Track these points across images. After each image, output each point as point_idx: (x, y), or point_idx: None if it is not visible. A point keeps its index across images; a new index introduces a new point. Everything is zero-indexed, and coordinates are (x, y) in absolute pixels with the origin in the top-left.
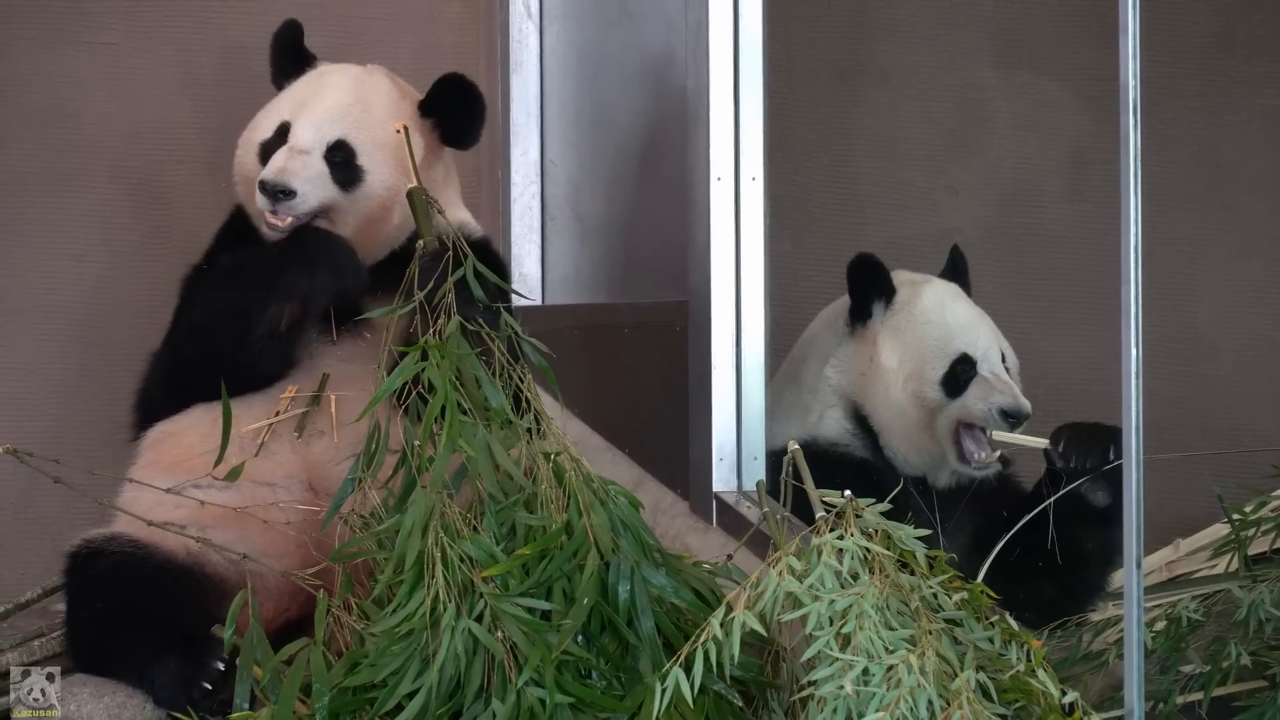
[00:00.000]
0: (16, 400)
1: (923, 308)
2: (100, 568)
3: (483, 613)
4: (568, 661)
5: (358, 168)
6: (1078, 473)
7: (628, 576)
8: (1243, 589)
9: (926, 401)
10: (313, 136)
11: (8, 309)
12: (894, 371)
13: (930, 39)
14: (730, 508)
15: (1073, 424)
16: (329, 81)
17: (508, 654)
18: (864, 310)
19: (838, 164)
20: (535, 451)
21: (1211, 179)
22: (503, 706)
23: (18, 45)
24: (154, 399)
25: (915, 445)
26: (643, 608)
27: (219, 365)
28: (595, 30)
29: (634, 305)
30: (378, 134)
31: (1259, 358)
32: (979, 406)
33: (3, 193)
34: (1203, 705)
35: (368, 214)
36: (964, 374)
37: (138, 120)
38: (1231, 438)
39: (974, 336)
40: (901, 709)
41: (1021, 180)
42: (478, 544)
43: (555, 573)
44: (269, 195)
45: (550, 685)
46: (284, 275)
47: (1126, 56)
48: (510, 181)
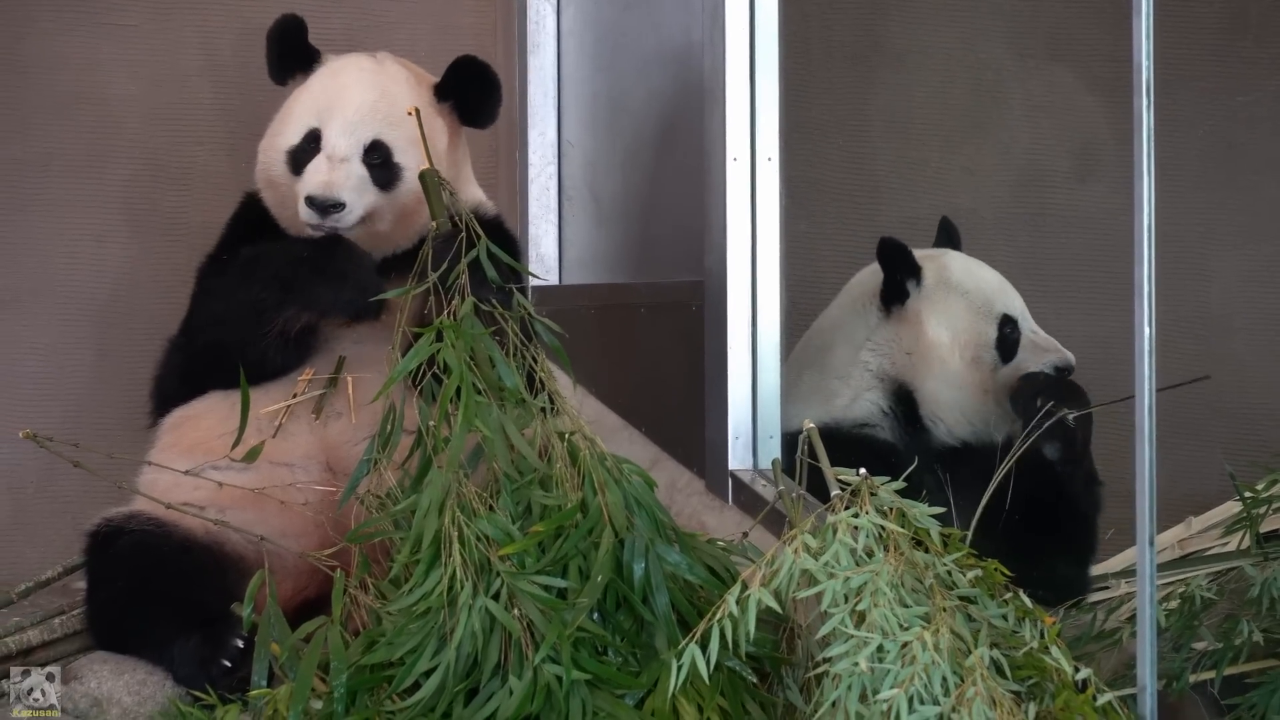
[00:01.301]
0: (37, 379)
1: (956, 278)
2: (120, 546)
3: (499, 591)
4: (584, 639)
5: (395, 165)
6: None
7: (642, 554)
8: (1255, 567)
9: (985, 366)
10: (349, 142)
11: (29, 289)
12: (948, 344)
13: (945, 21)
14: (746, 486)
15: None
16: (348, 80)
17: (525, 632)
18: (899, 292)
19: (853, 145)
20: (550, 431)
21: (1224, 160)
22: (520, 684)
23: (40, 28)
24: (171, 385)
25: (968, 414)
26: (657, 585)
27: (232, 356)
28: (612, 12)
29: (650, 285)
30: (408, 128)
31: (1271, 337)
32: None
33: (25, 174)
34: (1215, 683)
35: (403, 209)
36: (1011, 335)
37: (158, 102)
38: (1243, 416)
39: (1009, 297)
40: (916, 685)
41: (1035, 161)
42: (494, 523)
43: (571, 551)
44: (318, 210)
45: (567, 662)
46: (309, 284)
47: (1140, 38)
48: (528, 162)
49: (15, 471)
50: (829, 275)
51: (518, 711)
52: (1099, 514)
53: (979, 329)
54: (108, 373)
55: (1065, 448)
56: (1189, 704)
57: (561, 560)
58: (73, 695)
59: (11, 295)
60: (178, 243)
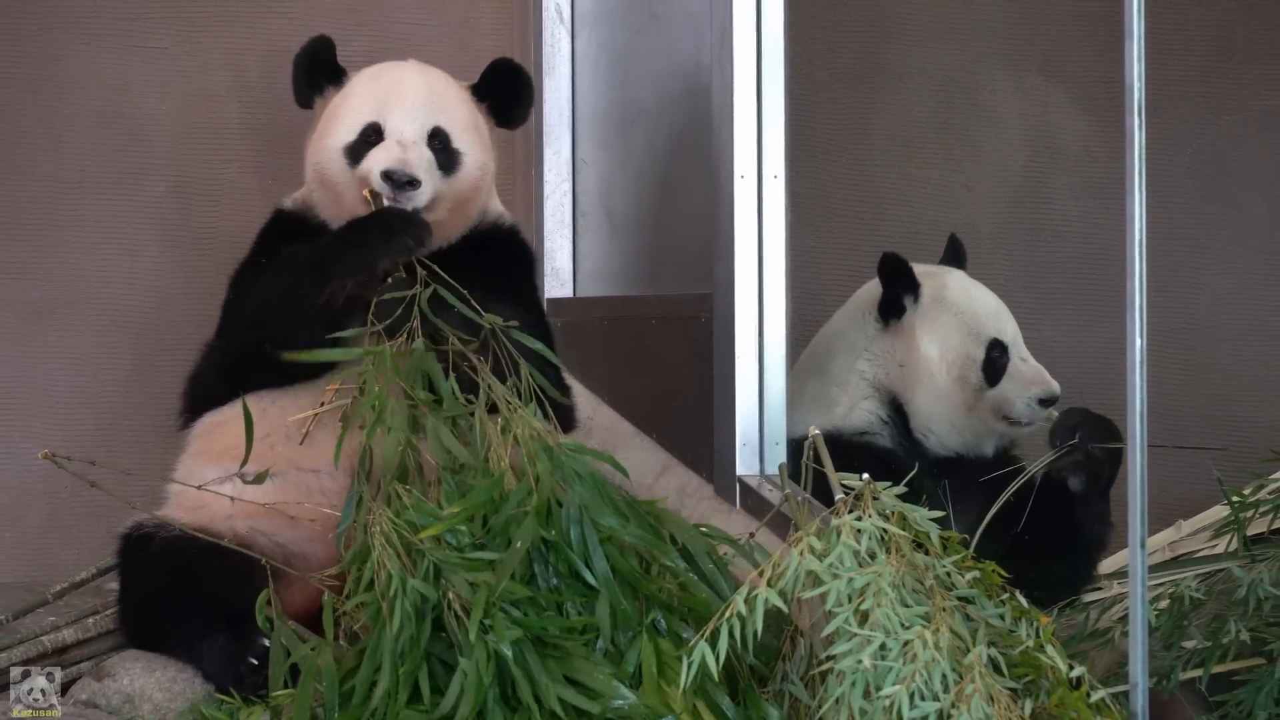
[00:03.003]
0: (73, 387)
1: (952, 298)
2: (151, 549)
3: (428, 571)
4: (530, 602)
5: (455, 151)
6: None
7: (577, 521)
8: (1242, 568)
9: (970, 385)
10: (414, 127)
11: (65, 301)
12: (936, 361)
13: (944, 44)
14: (753, 490)
15: (1071, 408)
16: (397, 77)
17: (457, 605)
18: (897, 306)
19: (856, 162)
20: (491, 430)
21: (1212, 176)
22: (470, 663)
23: (75, 51)
24: (207, 389)
25: (957, 427)
26: (593, 547)
27: (275, 356)
28: (625, 34)
29: (661, 297)
30: (460, 116)
31: (1257, 347)
32: (1020, 402)
33: (61, 191)
34: (1204, 680)
35: (460, 195)
36: (999, 360)
37: (188, 122)
38: (1230, 424)
39: (1001, 322)
40: (917, 682)
41: (1031, 177)
42: (420, 510)
43: (502, 524)
44: (394, 184)
45: (498, 626)
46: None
47: (1131, 59)
48: (544, 179)
49: (51, 478)
50: (833, 288)
51: (479, 685)
52: (1102, 551)
53: (967, 349)
54: (140, 381)
55: (1088, 482)
56: (1179, 701)
57: (497, 534)
58: (106, 692)
59: (48, 307)
60: (207, 256)
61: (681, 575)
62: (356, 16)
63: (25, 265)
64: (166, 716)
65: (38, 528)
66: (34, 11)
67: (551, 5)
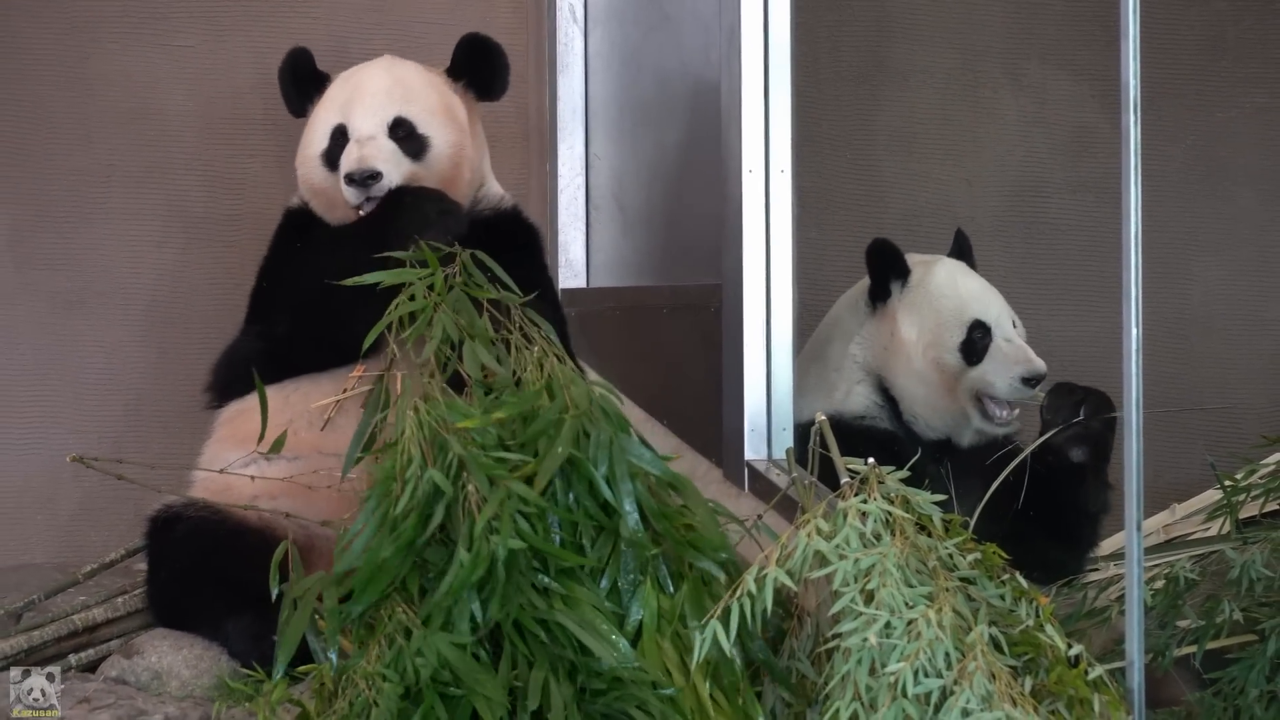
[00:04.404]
0: (102, 374)
1: (936, 282)
2: (179, 530)
3: (450, 464)
4: (540, 515)
5: (421, 137)
6: (1056, 427)
7: (605, 445)
8: (1235, 550)
9: (946, 367)
10: (372, 122)
11: (95, 291)
12: (914, 343)
13: (945, 43)
14: (761, 475)
15: (1060, 384)
16: (361, 77)
17: (473, 502)
18: (883, 290)
19: (860, 157)
20: (527, 357)
21: (1205, 172)
22: (467, 555)
23: (103, 49)
24: (238, 375)
25: (937, 410)
26: (620, 475)
27: (338, 332)
28: (636, 33)
29: (672, 288)
30: (424, 102)
31: (1248, 336)
32: (1001, 380)
33: (90, 184)
34: (1197, 657)
35: (441, 174)
36: (980, 340)
37: (213, 117)
38: (1222, 411)
39: (986, 304)
40: (921, 659)
41: (1029, 172)
42: (454, 409)
43: (536, 433)
44: (358, 185)
45: (505, 530)
46: (395, 221)
47: (1127, 58)
48: (558, 174)
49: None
50: (837, 279)
51: (461, 580)
52: (1107, 515)
53: (945, 331)
54: (167, 368)
55: (1089, 452)
56: (1173, 677)
57: (530, 443)
58: (135, 668)
59: (78, 297)
60: (231, 247)
61: (694, 518)
62: (377, 16)
63: (56, 256)
64: (193, 692)
65: (69, 511)
66: (65, 12)
67: (565, 5)
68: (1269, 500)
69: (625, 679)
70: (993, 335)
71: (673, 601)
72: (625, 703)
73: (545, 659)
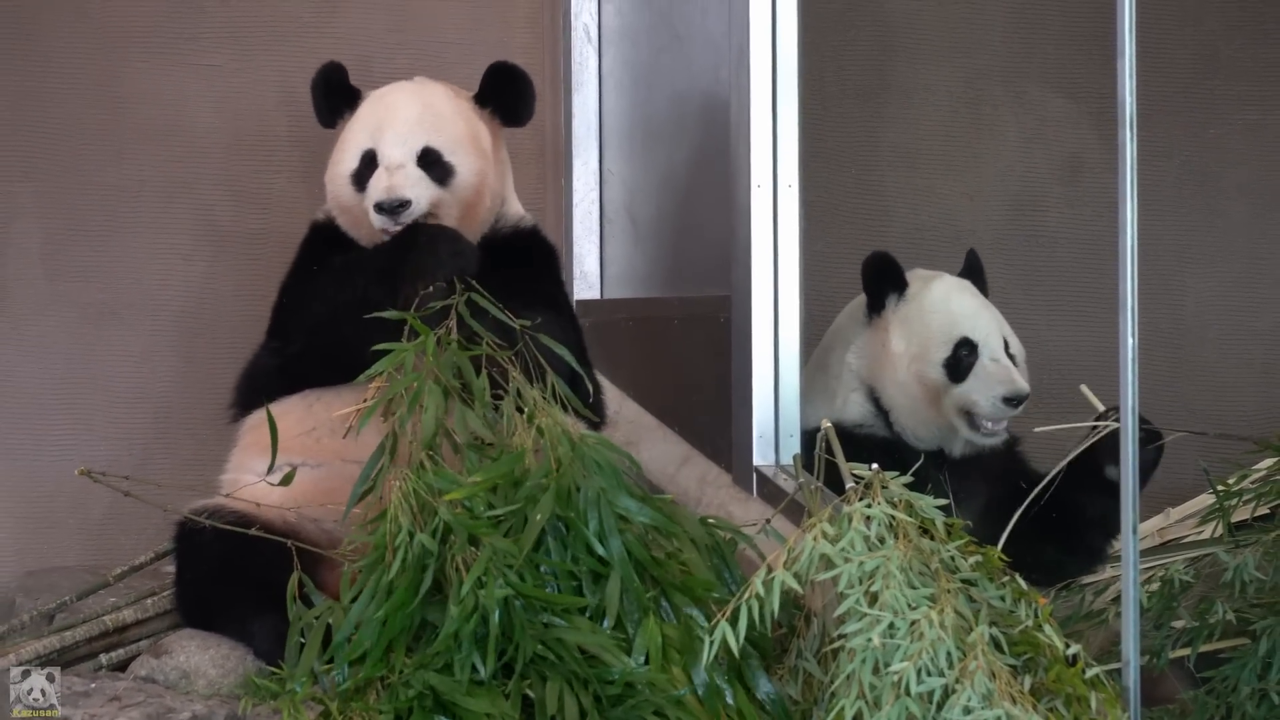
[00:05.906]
0: (132, 383)
1: (930, 298)
2: (205, 534)
3: (438, 528)
4: (532, 567)
5: (447, 164)
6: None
7: (594, 502)
8: (1228, 553)
9: (929, 381)
10: (402, 150)
11: (124, 303)
12: (901, 355)
13: (947, 62)
14: (769, 480)
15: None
16: (392, 101)
17: (460, 563)
18: (879, 302)
19: (865, 173)
20: (516, 418)
21: (1198, 186)
22: (456, 609)
23: (133, 67)
24: (261, 386)
25: (922, 422)
26: (609, 529)
27: (345, 355)
28: (648, 53)
29: (683, 299)
30: (452, 131)
31: (1239, 347)
32: (983, 399)
33: (120, 199)
34: (1192, 658)
35: (465, 201)
36: (966, 358)
37: (239, 134)
38: (1215, 417)
39: (976, 323)
40: (924, 659)
41: (1028, 187)
42: (442, 476)
43: (523, 498)
44: (388, 213)
45: (490, 583)
46: (407, 259)
47: (1123, 77)
48: (572, 188)
49: (112, 467)
50: (843, 290)
51: (451, 632)
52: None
53: (931, 347)
54: (194, 376)
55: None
56: (1168, 677)
57: (515, 512)
58: (163, 668)
59: (109, 308)
60: (257, 261)
61: (685, 559)
62: (398, 36)
63: (88, 268)
64: (220, 690)
65: (100, 515)
66: (96, 31)
67: (580, 25)
68: (1260, 504)
69: (638, 684)
70: (979, 354)
71: (677, 629)
72: (642, 710)
73: (558, 676)
